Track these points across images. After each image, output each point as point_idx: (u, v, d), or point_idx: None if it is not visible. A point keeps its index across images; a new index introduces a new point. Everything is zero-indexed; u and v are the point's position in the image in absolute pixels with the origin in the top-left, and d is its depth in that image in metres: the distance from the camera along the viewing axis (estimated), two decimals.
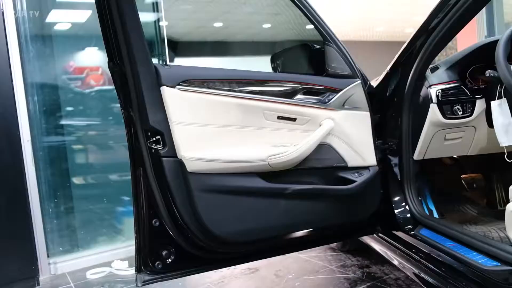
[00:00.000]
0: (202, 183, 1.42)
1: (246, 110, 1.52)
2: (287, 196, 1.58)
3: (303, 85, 1.67)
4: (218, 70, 1.54)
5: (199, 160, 1.41)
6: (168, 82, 1.39)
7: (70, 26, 3.25)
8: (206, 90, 1.45)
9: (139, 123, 1.43)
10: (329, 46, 1.71)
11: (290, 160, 1.55)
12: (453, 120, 1.79)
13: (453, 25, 1.64)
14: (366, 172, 1.79)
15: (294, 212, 1.61)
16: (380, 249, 2.13)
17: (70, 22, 3.24)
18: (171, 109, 1.39)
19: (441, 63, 1.89)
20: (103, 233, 3.22)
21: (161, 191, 1.46)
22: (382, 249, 2.09)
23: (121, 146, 3.22)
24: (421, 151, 1.90)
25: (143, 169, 1.47)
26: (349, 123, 1.74)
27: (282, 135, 1.62)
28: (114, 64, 1.42)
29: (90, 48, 3.32)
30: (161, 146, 1.41)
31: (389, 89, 1.93)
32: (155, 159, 1.43)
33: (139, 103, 1.39)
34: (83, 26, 3.31)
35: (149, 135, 1.42)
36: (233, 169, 1.47)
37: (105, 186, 3.28)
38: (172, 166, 1.41)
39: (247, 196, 1.50)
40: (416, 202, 1.93)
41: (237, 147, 1.50)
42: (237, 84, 1.53)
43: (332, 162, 1.73)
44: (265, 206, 1.54)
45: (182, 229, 1.48)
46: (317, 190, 1.65)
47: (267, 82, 1.61)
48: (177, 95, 1.40)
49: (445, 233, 1.66)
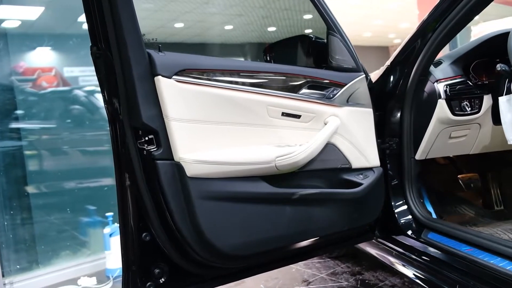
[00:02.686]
0: (204, 189, 1.23)
1: (250, 105, 1.34)
2: (294, 202, 1.41)
3: (307, 78, 1.51)
4: (219, 59, 1.35)
5: (200, 162, 1.21)
6: (164, 72, 1.18)
7: (20, 23, 2.94)
8: (207, 82, 1.26)
9: (127, 120, 1.21)
10: (333, 36, 1.57)
11: (298, 161, 1.38)
12: (461, 116, 1.69)
13: (462, 18, 1.55)
14: (371, 174, 1.66)
15: (301, 219, 1.45)
16: (377, 254, 2.00)
17: (20, 19, 2.93)
18: (167, 103, 1.18)
19: (444, 57, 1.80)
20: (66, 246, 2.91)
21: (154, 200, 1.24)
22: (380, 254, 1.97)
23: (84, 150, 3.01)
24: (424, 150, 1.80)
25: (131, 174, 1.25)
26: (353, 120, 1.61)
27: (286, 133, 1.45)
28: (99, 49, 1.19)
29: (42, 48, 3.04)
30: (154, 147, 1.20)
31: (389, 84, 1.82)
32: (147, 163, 1.22)
33: (129, 95, 1.17)
34: (34, 24, 3.01)
35: (140, 134, 1.21)
36: (238, 173, 1.28)
37: (67, 194, 2.98)
38: (168, 171, 1.20)
39: (253, 203, 1.32)
40: (419, 204, 1.82)
41: (241, 148, 1.31)
42: (240, 75, 1.34)
43: (336, 163, 1.58)
44: (273, 214, 1.37)
45: (178, 243, 1.28)
46: (325, 195, 1.50)
47: (271, 74, 1.43)
48: (174, 86, 1.20)
49: (459, 237, 1.56)
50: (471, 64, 1.78)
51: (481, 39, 1.78)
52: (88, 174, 3.01)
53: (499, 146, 1.85)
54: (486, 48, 1.77)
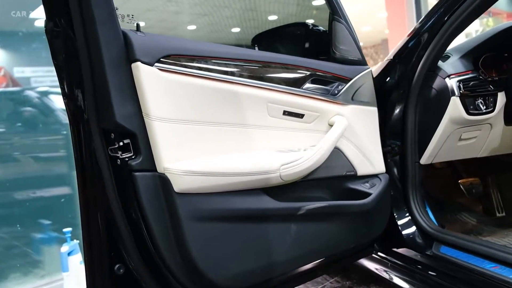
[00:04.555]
0: (195, 208, 0.97)
1: (249, 102, 1.10)
2: (299, 218, 1.18)
3: (310, 71, 1.28)
4: (212, 45, 1.09)
5: (191, 174, 0.95)
6: (144, 57, 0.91)
7: None
8: (199, 72, 1.00)
9: (94, 120, 0.93)
10: (338, 22, 1.35)
11: (304, 170, 1.16)
12: (476, 116, 1.52)
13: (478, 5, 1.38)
14: (378, 182, 1.46)
15: (307, 238, 1.22)
16: (373, 268, 1.80)
17: None
18: (148, 97, 0.92)
19: (452, 50, 1.63)
20: (15, 267, 2.54)
21: (130, 222, 0.97)
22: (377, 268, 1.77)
23: (37, 156, 2.70)
24: (431, 154, 1.61)
25: (100, 190, 0.97)
26: (358, 121, 1.40)
27: (288, 136, 1.22)
28: (56, 25, 0.91)
29: None
30: (131, 155, 0.93)
31: (391, 80, 1.62)
32: (122, 175, 0.94)
33: (97, 88, 0.90)
34: None
35: (112, 138, 0.93)
36: (237, 185, 1.03)
37: (17, 206, 2.62)
38: (149, 185, 0.94)
39: (254, 222, 1.07)
40: (424, 214, 1.64)
41: (241, 154, 1.07)
42: (238, 65, 1.09)
43: (341, 170, 1.37)
44: (276, 234, 1.13)
45: (162, 276, 1.01)
46: (332, 208, 1.28)
47: (272, 65, 1.19)
48: (157, 76, 0.93)
49: (480, 252, 1.38)
50: (480, 59, 1.62)
51: (494, 31, 1.62)
52: (41, 183, 2.69)
53: (509, 148, 1.70)
54: (497, 41, 1.61)
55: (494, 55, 1.65)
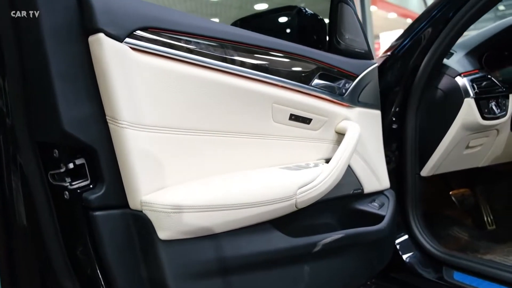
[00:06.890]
0: (190, 260, 0.64)
1: (253, 101, 0.79)
2: (315, 256, 0.90)
3: (317, 64, 1.00)
4: (204, 21, 0.75)
5: (184, 209, 0.62)
6: (109, 26, 0.58)
7: None
8: (190, 57, 0.68)
9: (24, 128, 0.57)
10: (346, 5, 1.08)
11: (320, 193, 0.88)
12: (490, 120, 1.32)
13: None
14: (385, 200, 1.22)
15: (322, 280, 0.93)
16: None
17: None
18: (115, 90, 0.58)
19: (457, 47, 1.43)
20: None
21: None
22: None
23: None
24: (435, 164, 1.41)
25: (35, 241, 0.61)
26: (364, 127, 1.14)
27: (292, 147, 0.94)
28: None
29: None
30: (87, 183, 0.59)
31: (389, 79, 1.40)
32: (72, 215, 0.59)
33: (30, 75, 0.55)
34: None
35: (55, 156, 0.58)
36: (244, 221, 0.71)
37: None
38: (117, 230, 0.59)
39: (265, 269, 0.76)
40: (426, 233, 1.43)
41: (245, 175, 0.75)
42: (237, 50, 0.78)
43: (349, 189, 1.11)
44: (287, 281, 0.82)
45: None
46: (350, 238, 1.00)
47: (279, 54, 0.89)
48: (128, 58, 0.60)
49: (502, 279, 1.18)
50: (483, 56, 1.44)
51: (500, 27, 1.44)
52: None
53: (510, 156, 1.55)
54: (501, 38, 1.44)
55: (495, 53, 1.48)
